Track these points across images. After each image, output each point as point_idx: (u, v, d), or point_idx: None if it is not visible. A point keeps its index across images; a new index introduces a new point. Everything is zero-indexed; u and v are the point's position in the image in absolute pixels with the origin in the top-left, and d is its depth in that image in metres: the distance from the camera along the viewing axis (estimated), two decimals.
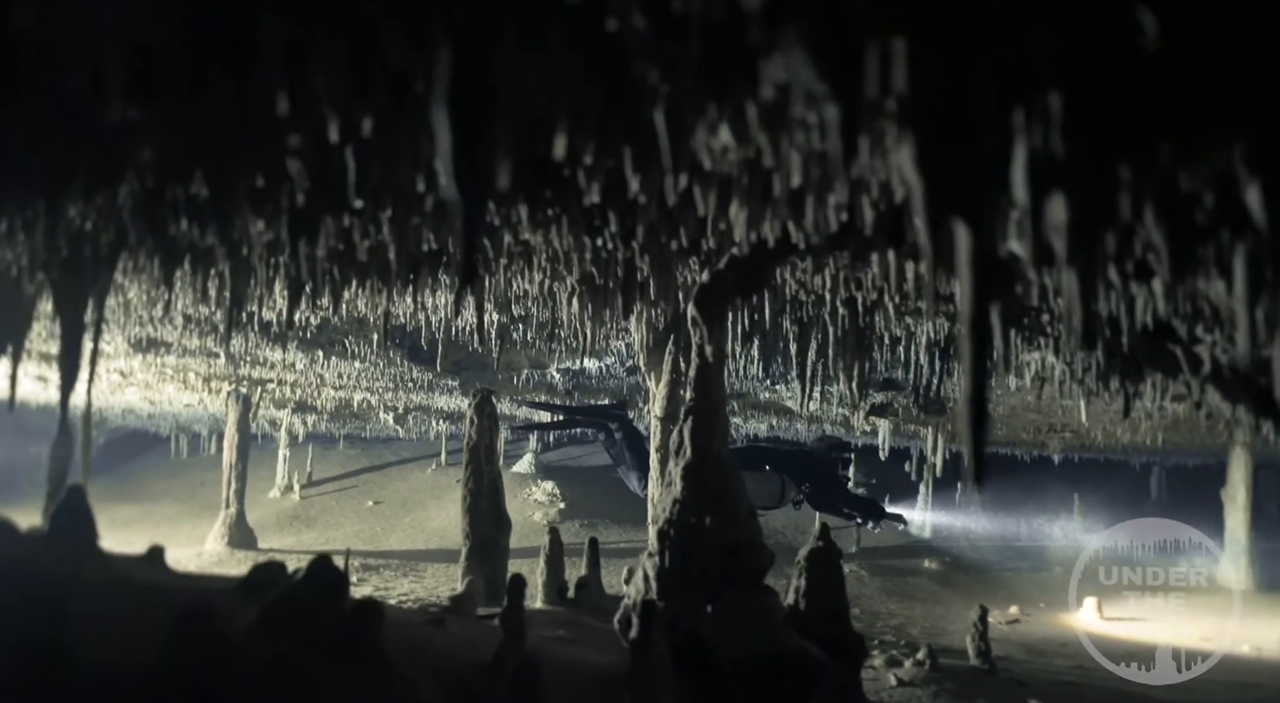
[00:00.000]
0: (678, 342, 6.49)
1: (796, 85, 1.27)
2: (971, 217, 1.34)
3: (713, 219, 2.88)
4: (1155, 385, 6.34)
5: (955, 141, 1.32)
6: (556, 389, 13.72)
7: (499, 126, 1.14)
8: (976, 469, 1.38)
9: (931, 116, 1.31)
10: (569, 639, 4.84)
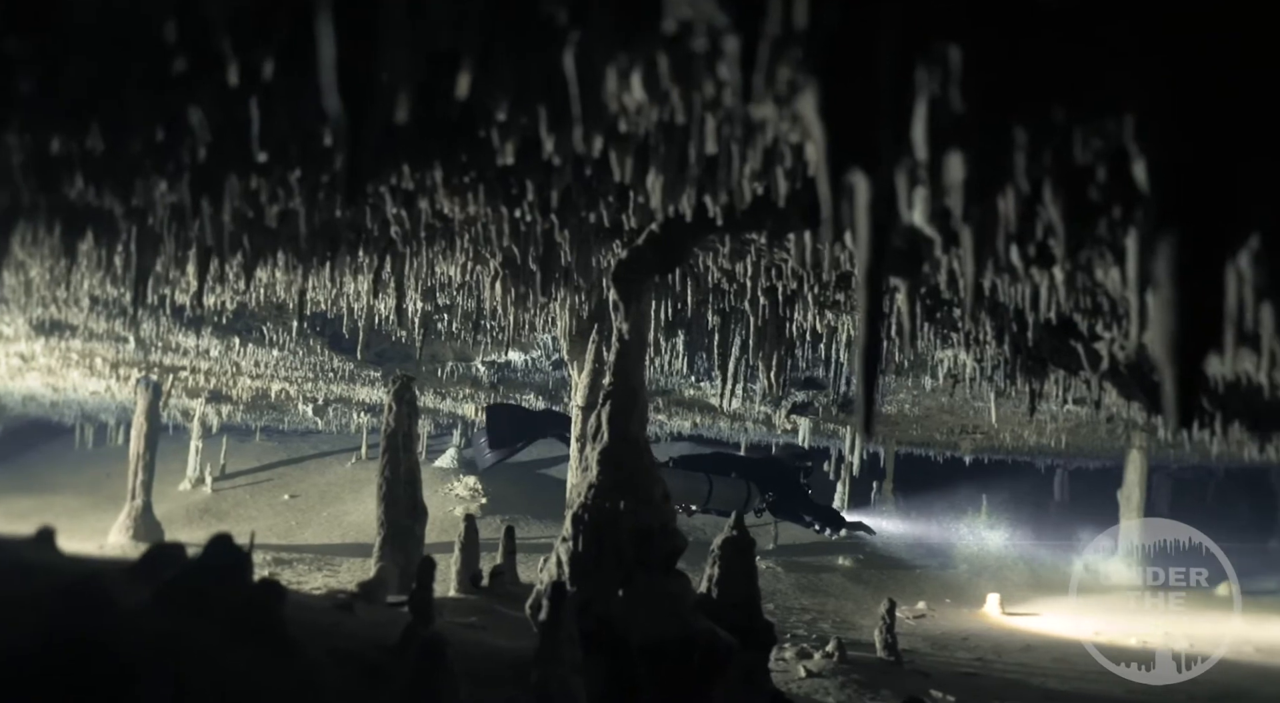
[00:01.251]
0: (601, 331, 6.48)
1: (699, 21, 1.27)
2: (871, 166, 1.36)
3: (632, 191, 2.88)
4: (1058, 382, 6.59)
5: (857, 88, 1.33)
6: (481, 382, 13.58)
7: (390, 44, 1.11)
8: (866, 420, 1.40)
9: (833, 61, 1.32)
10: (480, 625, 4.79)
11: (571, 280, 5.09)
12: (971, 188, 1.55)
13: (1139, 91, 1.41)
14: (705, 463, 9.72)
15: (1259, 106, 1.44)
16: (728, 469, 9.55)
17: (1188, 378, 1.31)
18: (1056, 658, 10.56)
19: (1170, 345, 1.30)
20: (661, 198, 2.35)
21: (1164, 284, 1.31)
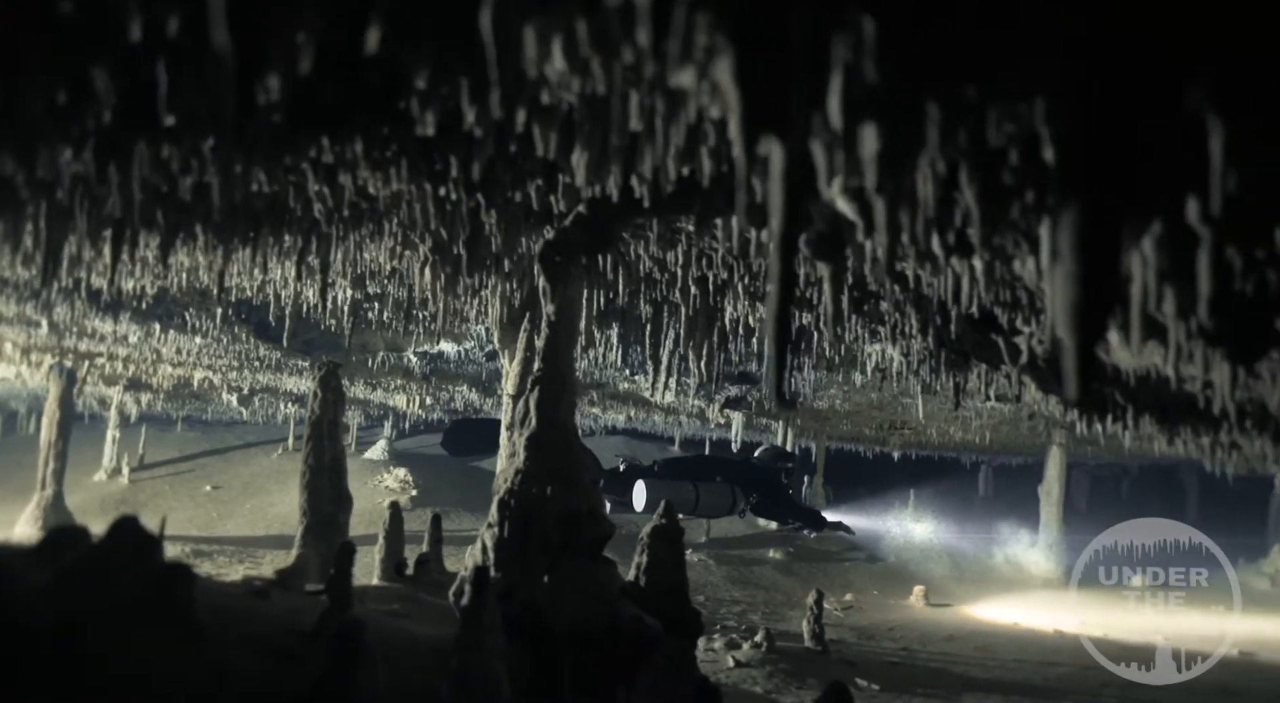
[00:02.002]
0: (533, 319, 6.42)
1: None
2: (785, 133, 1.36)
3: (560, 173, 2.85)
4: (981, 377, 6.75)
5: (771, 54, 1.33)
6: (413, 373, 13.37)
7: None
8: (778, 387, 1.41)
9: (748, 26, 1.32)
10: (402, 613, 4.71)
11: (502, 267, 5.04)
12: (885, 161, 1.56)
13: (1049, 73, 1.44)
14: (689, 467, 9.73)
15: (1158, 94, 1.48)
16: (712, 473, 9.55)
17: (1087, 349, 1.34)
18: (979, 647, 10.85)
19: (1070, 317, 1.33)
20: (586, 176, 2.33)
21: (1066, 257, 1.34)
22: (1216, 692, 8.96)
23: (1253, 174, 1.91)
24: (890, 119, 1.51)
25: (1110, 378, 5.44)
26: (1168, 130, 1.58)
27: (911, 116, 1.54)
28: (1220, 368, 3.74)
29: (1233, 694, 8.76)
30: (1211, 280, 1.97)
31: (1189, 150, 1.61)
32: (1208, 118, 1.49)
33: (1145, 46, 1.26)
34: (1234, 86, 1.42)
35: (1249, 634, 12.29)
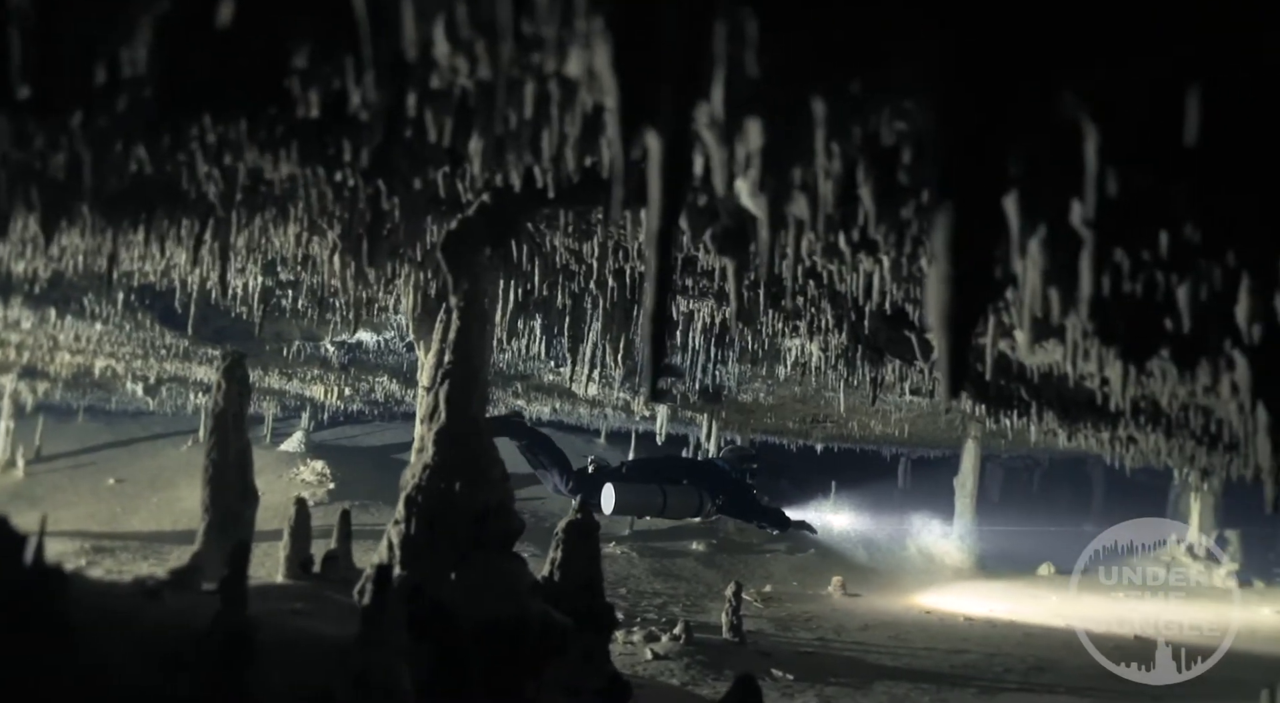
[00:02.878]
0: (448, 311, 6.30)
1: None
2: (662, 125, 1.33)
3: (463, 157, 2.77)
4: (896, 371, 6.88)
5: (649, 42, 1.29)
6: (331, 364, 13.05)
7: None
8: (652, 386, 1.38)
9: (627, 14, 1.27)
10: (306, 612, 4.57)
11: (414, 255, 4.91)
12: (773, 157, 1.54)
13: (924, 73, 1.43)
14: (657, 469, 9.73)
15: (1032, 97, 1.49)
16: (679, 475, 9.56)
17: (959, 349, 1.34)
18: (892, 636, 11.11)
19: (944, 317, 1.33)
20: (482, 164, 2.26)
21: (940, 259, 1.34)
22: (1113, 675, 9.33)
23: (1134, 177, 1.95)
24: (775, 114, 1.48)
25: (1015, 375, 5.59)
26: (1044, 134, 1.59)
27: (798, 112, 1.53)
28: (1114, 366, 3.86)
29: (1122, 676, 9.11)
30: (1095, 282, 2.01)
31: (1069, 154, 1.63)
32: (1083, 122, 1.51)
33: (1017, 50, 1.26)
34: (1107, 91, 1.43)
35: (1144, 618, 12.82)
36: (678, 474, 9.60)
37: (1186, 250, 2.60)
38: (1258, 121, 1.58)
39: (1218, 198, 2.10)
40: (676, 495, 9.10)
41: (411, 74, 1.93)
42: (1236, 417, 4.29)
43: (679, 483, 9.35)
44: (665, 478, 9.31)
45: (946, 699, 8.01)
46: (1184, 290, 3.04)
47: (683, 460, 11.47)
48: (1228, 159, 1.75)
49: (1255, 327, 2.93)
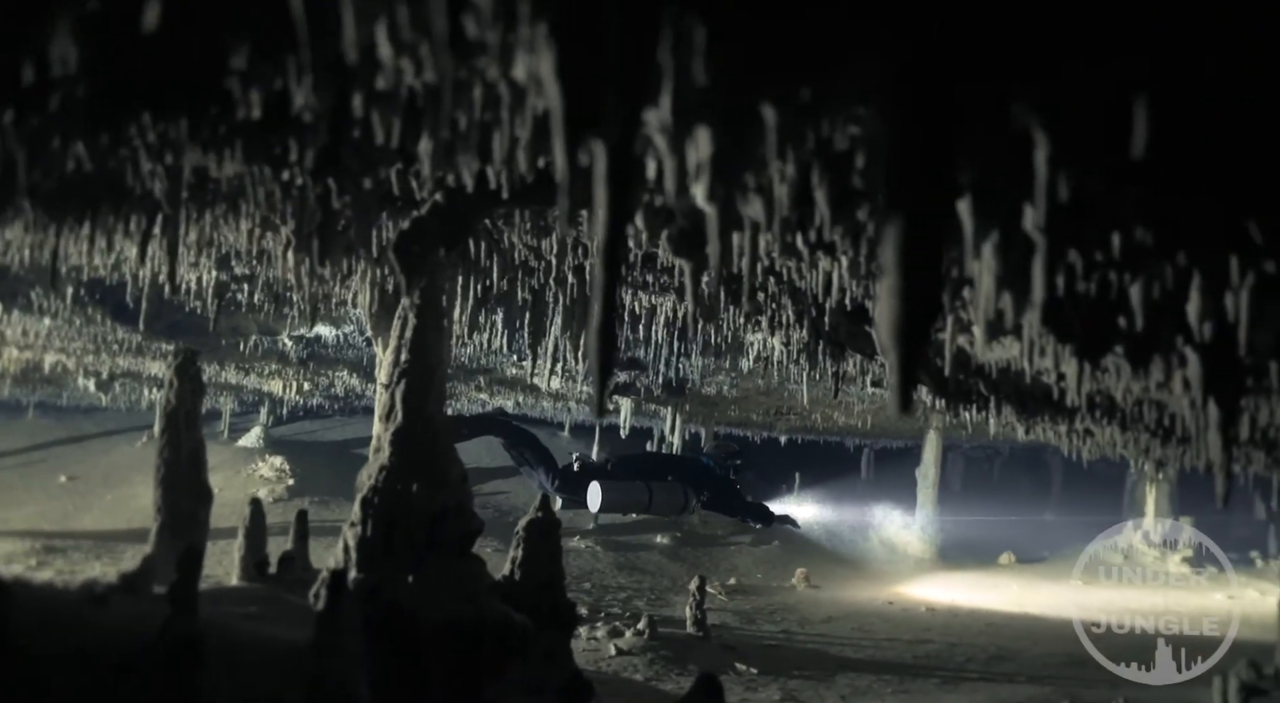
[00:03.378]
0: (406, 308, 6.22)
1: None
2: (608, 134, 1.29)
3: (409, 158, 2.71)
4: (857, 365, 6.91)
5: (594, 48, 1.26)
6: (289, 358, 12.84)
7: None
8: (600, 401, 1.35)
9: (568, 18, 1.24)
10: (260, 615, 4.50)
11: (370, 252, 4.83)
12: (722, 164, 1.52)
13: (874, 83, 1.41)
14: (642, 465, 9.76)
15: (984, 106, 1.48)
16: (663, 472, 9.61)
17: (909, 361, 1.32)
18: (855, 628, 11.22)
19: (894, 329, 1.31)
20: (432, 165, 2.22)
21: (890, 271, 1.32)
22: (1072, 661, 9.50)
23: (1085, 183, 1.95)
24: (725, 121, 1.46)
25: (974, 370, 5.64)
26: (996, 142, 1.59)
27: (748, 119, 1.50)
28: (1070, 363, 3.90)
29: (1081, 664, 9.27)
30: (1048, 286, 2.01)
31: (1021, 162, 1.63)
32: (1034, 131, 1.50)
33: (968, 61, 1.25)
34: (1058, 102, 1.42)
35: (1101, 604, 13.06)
36: (663, 471, 9.66)
37: (1138, 251, 2.62)
38: (1203, 131, 1.58)
39: (1167, 202, 2.11)
40: (662, 492, 9.17)
41: (356, 75, 1.88)
42: (1189, 412, 4.36)
43: (664, 480, 9.41)
44: (650, 475, 9.37)
45: (909, 690, 8.10)
46: (1137, 289, 3.07)
47: (668, 457, 11.52)
48: (1176, 166, 1.76)
49: (1206, 325, 2.97)
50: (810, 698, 7.56)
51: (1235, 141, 1.64)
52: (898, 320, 1.31)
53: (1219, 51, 1.39)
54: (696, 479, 9.67)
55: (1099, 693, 7.55)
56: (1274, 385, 3.70)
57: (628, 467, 9.60)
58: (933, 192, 1.30)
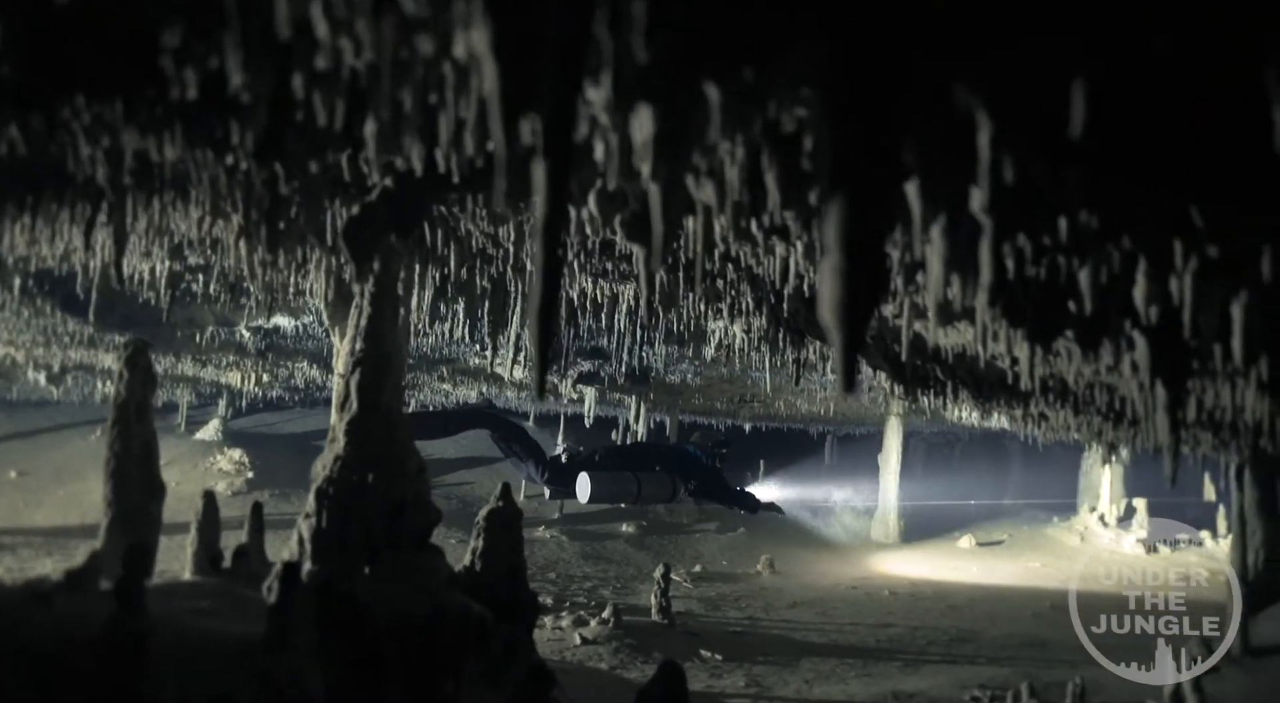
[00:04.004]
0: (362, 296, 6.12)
1: None
2: (547, 112, 1.27)
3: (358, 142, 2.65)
4: (817, 351, 6.95)
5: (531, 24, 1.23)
6: (247, 350, 12.64)
7: None
8: (539, 384, 1.33)
9: None
10: (213, 611, 4.41)
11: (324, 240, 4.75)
12: (667, 144, 1.49)
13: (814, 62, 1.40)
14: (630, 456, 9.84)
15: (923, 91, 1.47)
16: (651, 462, 9.70)
17: (852, 342, 1.31)
18: (819, 613, 11.32)
19: (837, 311, 1.30)
20: (377, 148, 2.17)
21: (832, 250, 1.31)
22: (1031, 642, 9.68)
23: (1030, 166, 1.96)
24: (668, 101, 1.43)
25: (931, 355, 5.70)
26: (939, 124, 1.58)
27: (692, 99, 1.48)
28: (1022, 347, 3.94)
29: (1040, 645, 9.45)
30: (995, 268, 2.02)
31: (965, 144, 1.62)
32: (976, 113, 1.50)
33: (908, 41, 1.23)
34: (999, 80, 1.42)
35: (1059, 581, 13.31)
36: (650, 461, 9.77)
37: (1085, 235, 2.65)
38: (1143, 113, 1.59)
39: (1110, 185, 2.13)
40: (650, 482, 9.29)
41: (294, 55, 1.83)
42: (1137, 395, 4.43)
43: (652, 470, 9.51)
44: (638, 465, 9.47)
45: (871, 674, 8.19)
46: (1085, 274, 3.11)
47: (655, 447, 11.66)
48: (1116, 149, 1.77)
49: (1152, 308, 3.02)
50: (774, 683, 7.62)
51: (1174, 125, 1.65)
52: (840, 301, 1.30)
53: (1158, 33, 1.40)
54: (684, 469, 9.82)
55: (1058, 674, 7.69)
56: (1219, 368, 3.77)
57: (616, 457, 9.70)
58: (873, 171, 1.29)
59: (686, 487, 9.76)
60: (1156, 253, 2.79)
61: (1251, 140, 1.45)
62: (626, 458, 9.71)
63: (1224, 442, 6.31)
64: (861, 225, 1.29)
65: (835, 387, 8.78)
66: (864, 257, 1.31)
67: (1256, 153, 1.46)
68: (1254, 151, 1.47)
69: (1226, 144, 1.67)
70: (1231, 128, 1.57)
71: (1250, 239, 2.60)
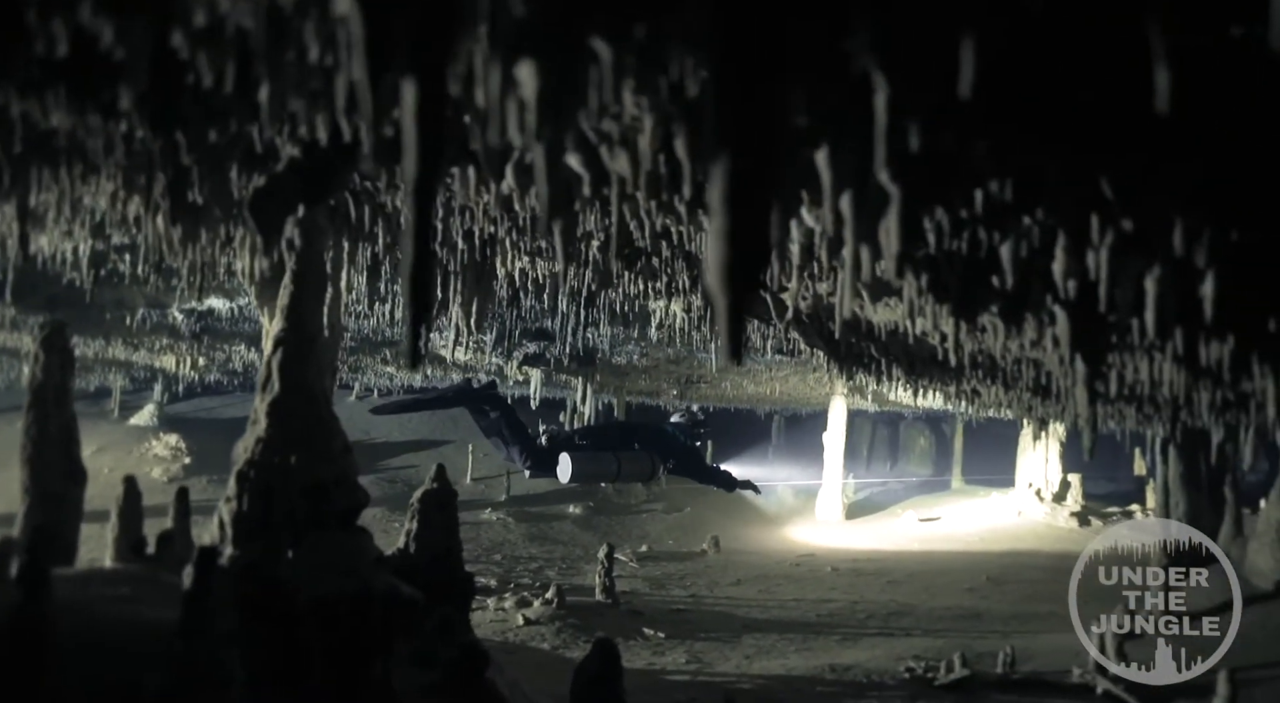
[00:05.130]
0: None
1: None
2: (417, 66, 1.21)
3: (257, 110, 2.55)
4: (758, 330, 6.96)
5: None
6: (181, 333, 12.28)
7: None
8: (412, 352, 1.28)
9: None
10: (133, 598, 4.28)
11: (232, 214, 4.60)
12: (550, 103, 1.44)
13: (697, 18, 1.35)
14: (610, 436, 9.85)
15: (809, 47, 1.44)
16: (630, 441, 9.72)
17: (737, 308, 1.28)
18: (762, 590, 11.44)
19: (722, 274, 1.27)
20: (271, 113, 2.08)
21: (717, 212, 1.27)
22: (965, 615, 9.89)
23: (936, 135, 1.95)
24: (550, 55, 1.38)
25: (865, 332, 5.73)
26: (836, 85, 1.55)
27: (579, 56, 1.43)
28: (948, 322, 3.98)
29: (974, 617, 9.67)
30: (903, 239, 2.00)
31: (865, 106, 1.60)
32: (873, 74, 1.47)
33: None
34: (889, 39, 1.39)
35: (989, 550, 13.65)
36: (629, 441, 9.86)
37: (1000, 208, 2.66)
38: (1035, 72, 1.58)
39: (1020, 156, 2.13)
40: (630, 461, 9.41)
41: (170, 10, 1.73)
42: (1059, 369, 4.51)
43: (631, 449, 9.61)
44: (618, 444, 9.57)
45: (811, 648, 8.30)
46: (1006, 249, 3.14)
47: (634, 426, 11.77)
48: (1014, 111, 1.76)
49: (1070, 282, 3.06)
50: (715, 659, 7.68)
51: (1066, 83, 1.64)
52: (726, 264, 1.27)
53: None
54: (662, 448, 9.96)
55: (990, 644, 7.86)
56: (1137, 342, 3.84)
57: (595, 437, 9.79)
58: (758, 129, 1.25)
59: (665, 465, 9.92)
60: (1073, 227, 2.82)
61: (1139, 95, 1.44)
62: (606, 438, 9.83)
63: (1147, 416, 6.48)
64: (746, 187, 1.26)
65: (721, 354, 8.80)
66: (749, 220, 1.28)
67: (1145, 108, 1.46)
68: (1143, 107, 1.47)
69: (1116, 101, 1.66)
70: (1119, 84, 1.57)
71: (1161, 212, 2.63)
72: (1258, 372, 3.98)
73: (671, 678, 7.02)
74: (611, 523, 15.55)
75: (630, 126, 2.11)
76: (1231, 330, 3.60)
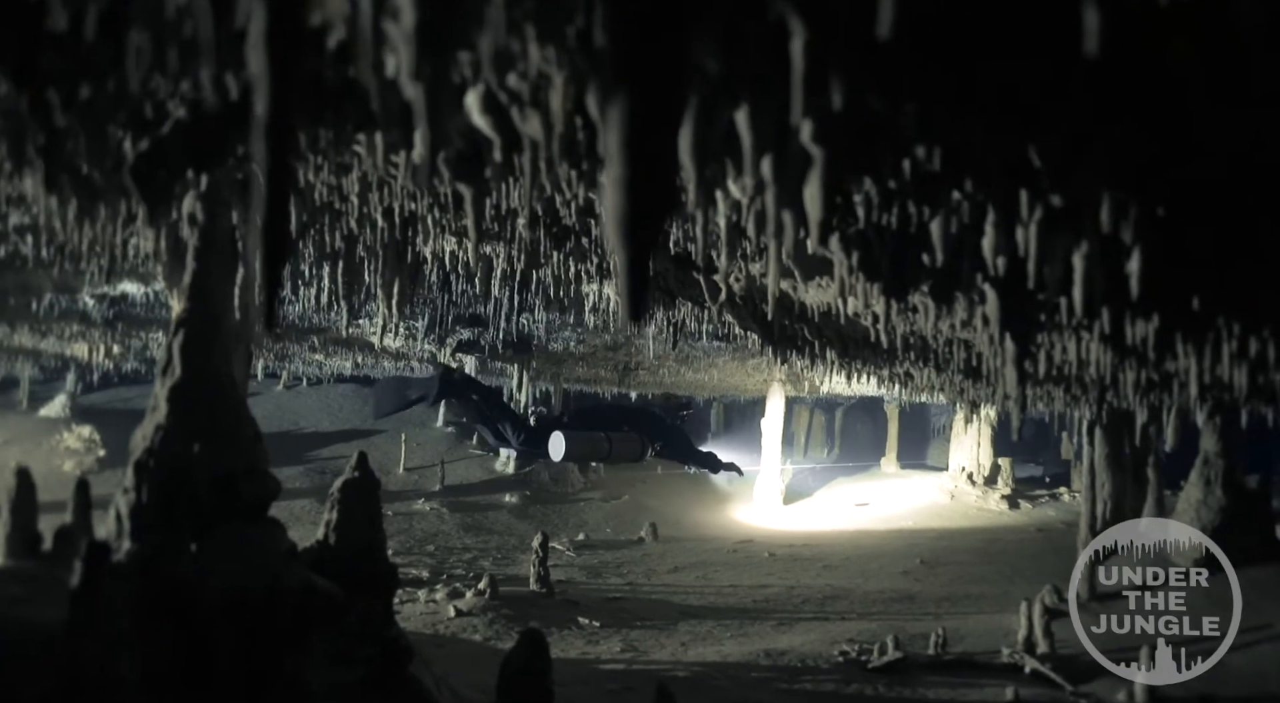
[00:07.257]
0: None
1: None
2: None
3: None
4: (692, 313, 6.86)
5: None
6: (92, 319, 11.73)
7: None
8: (268, 315, 1.12)
9: None
10: (24, 598, 4.00)
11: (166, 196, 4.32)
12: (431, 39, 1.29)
13: None
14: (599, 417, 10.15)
15: None
16: (619, 423, 9.92)
17: (638, 262, 1.16)
18: (700, 576, 11.40)
19: (620, 225, 1.14)
20: (143, 73, 1.88)
21: (613, 159, 1.14)
22: (898, 597, 9.99)
23: (861, 96, 1.84)
24: None
25: (798, 314, 5.68)
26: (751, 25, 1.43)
27: None
28: (879, 301, 3.93)
29: (908, 599, 9.76)
30: (826, 203, 1.90)
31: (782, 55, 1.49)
32: (789, 18, 1.36)
33: None
34: None
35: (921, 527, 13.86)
36: (618, 422, 9.95)
37: (930, 179, 2.59)
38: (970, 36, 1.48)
39: (947, 122, 2.05)
40: (620, 441, 9.55)
41: None
42: (988, 349, 4.51)
43: (621, 430, 9.68)
44: (607, 425, 9.67)
45: (747, 633, 8.27)
46: (936, 224, 3.07)
47: (623, 408, 11.93)
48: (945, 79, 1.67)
49: (1000, 259, 3.01)
50: (651, 647, 7.60)
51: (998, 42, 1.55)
52: (623, 215, 1.14)
53: None
54: (651, 429, 10.05)
55: (923, 625, 7.93)
56: (1065, 322, 3.84)
57: (585, 418, 9.92)
58: (657, 64, 1.12)
59: (654, 446, 10.07)
60: (1002, 201, 2.77)
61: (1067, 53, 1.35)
62: (596, 419, 9.96)
63: (1075, 397, 6.57)
64: (645, 131, 1.13)
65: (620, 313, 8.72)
66: (649, 168, 1.15)
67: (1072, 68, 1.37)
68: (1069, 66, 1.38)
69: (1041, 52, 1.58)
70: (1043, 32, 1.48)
71: (1089, 186, 2.58)
72: (1181, 351, 4.01)
73: (606, 667, 6.91)
74: (548, 512, 15.39)
75: (539, 83, 1.97)
76: (1157, 308, 3.61)
